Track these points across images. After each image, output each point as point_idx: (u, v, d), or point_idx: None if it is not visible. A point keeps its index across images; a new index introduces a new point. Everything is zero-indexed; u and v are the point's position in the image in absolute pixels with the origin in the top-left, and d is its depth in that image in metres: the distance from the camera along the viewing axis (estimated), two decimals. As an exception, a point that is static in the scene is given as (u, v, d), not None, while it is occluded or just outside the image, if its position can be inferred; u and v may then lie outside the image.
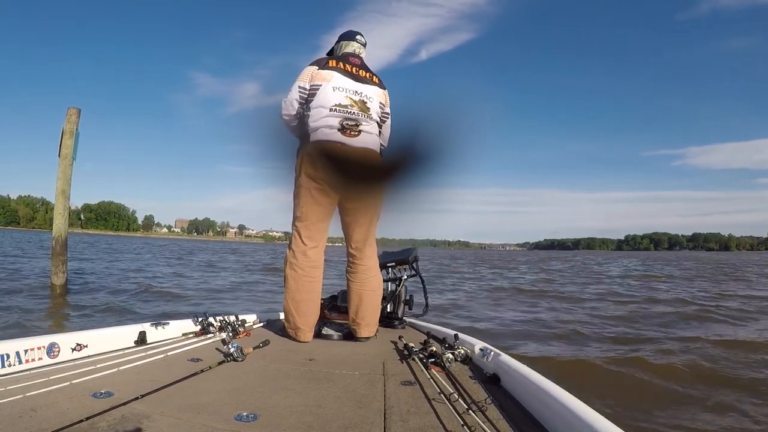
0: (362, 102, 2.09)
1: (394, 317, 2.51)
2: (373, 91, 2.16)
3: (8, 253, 15.27)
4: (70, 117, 6.19)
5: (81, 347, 1.61)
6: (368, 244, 2.21)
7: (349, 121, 2.04)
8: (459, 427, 1.05)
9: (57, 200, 6.25)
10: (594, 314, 6.07)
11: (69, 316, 4.95)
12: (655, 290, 9.79)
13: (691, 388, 2.94)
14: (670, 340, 4.32)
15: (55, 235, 6.21)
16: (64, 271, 6.31)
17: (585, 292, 9.27)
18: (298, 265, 2.08)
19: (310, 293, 2.10)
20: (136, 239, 76.80)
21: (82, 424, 0.99)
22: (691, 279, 13.75)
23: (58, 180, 6.18)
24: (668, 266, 23.57)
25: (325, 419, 1.10)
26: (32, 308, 5.16)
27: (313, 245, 2.10)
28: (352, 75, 2.12)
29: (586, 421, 0.91)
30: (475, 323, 5.26)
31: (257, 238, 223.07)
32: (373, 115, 2.13)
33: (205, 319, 2.11)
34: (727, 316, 5.87)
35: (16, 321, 4.36)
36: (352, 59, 2.18)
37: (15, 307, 5.11)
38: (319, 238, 2.12)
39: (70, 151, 6.18)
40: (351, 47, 2.26)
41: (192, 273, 11.59)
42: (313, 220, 2.08)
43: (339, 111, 2.03)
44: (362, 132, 2.06)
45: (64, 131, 6.17)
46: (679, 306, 6.91)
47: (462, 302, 7.34)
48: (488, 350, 1.63)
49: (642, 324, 5.33)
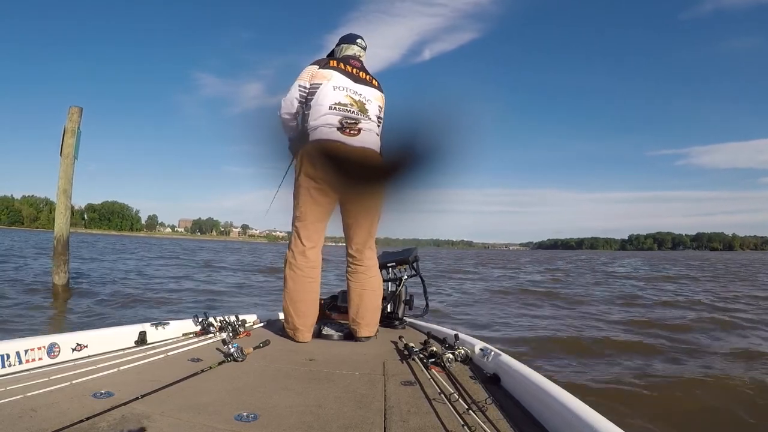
0: (361, 103, 2.09)
1: (395, 317, 2.51)
2: (372, 94, 2.16)
3: (14, 253, 15.21)
4: (71, 116, 6.18)
5: (81, 347, 1.61)
6: (368, 245, 2.20)
7: (349, 120, 2.03)
8: (459, 427, 1.05)
9: (58, 199, 6.22)
10: (614, 320, 5.59)
11: (68, 317, 4.93)
12: (668, 291, 9.34)
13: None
14: (716, 355, 3.78)
15: (57, 234, 6.19)
16: (65, 271, 6.29)
17: (601, 295, 8.59)
18: (297, 266, 2.08)
19: (309, 293, 2.10)
20: (139, 239, 76.59)
21: (82, 424, 0.99)
22: (710, 279, 13.20)
23: (59, 179, 6.17)
24: (674, 266, 23.10)
25: (326, 419, 1.10)
26: (32, 309, 5.14)
27: (312, 245, 2.10)
28: (353, 76, 2.13)
29: (586, 421, 0.91)
30: (489, 331, 4.88)
31: (260, 237, 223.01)
32: (372, 116, 2.13)
33: (205, 319, 2.11)
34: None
35: (15, 322, 4.35)
36: (353, 61, 2.20)
37: (15, 307, 5.09)
38: (317, 239, 2.12)
39: (71, 150, 6.16)
40: (351, 50, 2.27)
41: (195, 274, 11.48)
42: (312, 220, 2.08)
43: (339, 109, 2.03)
44: (362, 131, 2.06)
45: (66, 130, 6.15)
46: (708, 311, 6.44)
47: (471, 309, 6.77)
48: (488, 350, 1.63)
49: (675, 333, 4.84)
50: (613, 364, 3.61)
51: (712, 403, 2.73)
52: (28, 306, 5.29)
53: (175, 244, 46.87)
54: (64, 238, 6.21)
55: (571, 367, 3.55)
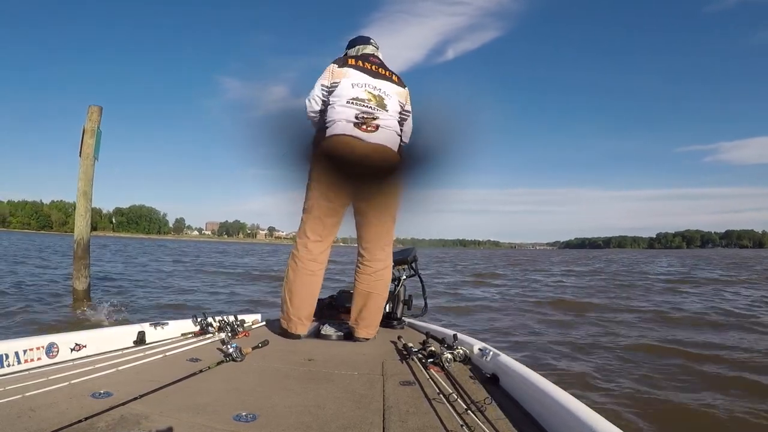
0: (380, 98, 2.09)
1: (393, 317, 2.51)
2: (392, 89, 2.15)
3: (40, 256, 14.94)
4: (91, 115, 5.89)
5: (80, 347, 1.61)
6: (379, 246, 2.17)
7: (366, 115, 2.03)
8: (458, 427, 1.05)
9: (78, 202, 5.91)
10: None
11: (87, 322, 4.71)
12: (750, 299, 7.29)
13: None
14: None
15: (77, 238, 5.87)
16: (86, 275, 5.91)
17: (693, 309, 6.34)
18: (298, 257, 2.09)
19: (307, 287, 2.09)
20: (167, 242, 75.69)
21: (81, 424, 0.99)
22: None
23: (79, 180, 5.86)
24: (709, 265, 20.79)
25: (324, 419, 1.10)
26: (49, 314, 5.01)
27: (316, 239, 2.10)
28: (371, 72, 2.14)
29: (585, 422, 0.91)
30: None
31: (287, 240, 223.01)
32: (391, 111, 2.12)
33: (204, 319, 2.11)
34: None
35: (31, 327, 4.28)
36: (372, 58, 2.21)
37: (33, 312, 4.98)
38: (323, 233, 2.10)
39: (91, 150, 5.86)
40: (368, 49, 2.28)
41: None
42: (318, 214, 2.08)
43: (356, 104, 2.03)
44: (380, 127, 2.05)
45: (85, 130, 5.80)
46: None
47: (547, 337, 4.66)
48: (487, 350, 1.63)
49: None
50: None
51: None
52: (46, 311, 5.16)
53: (209, 247, 44.86)
54: (84, 241, 5.89)
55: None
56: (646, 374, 3.32)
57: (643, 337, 4.60)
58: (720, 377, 3.24)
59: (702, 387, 3.04)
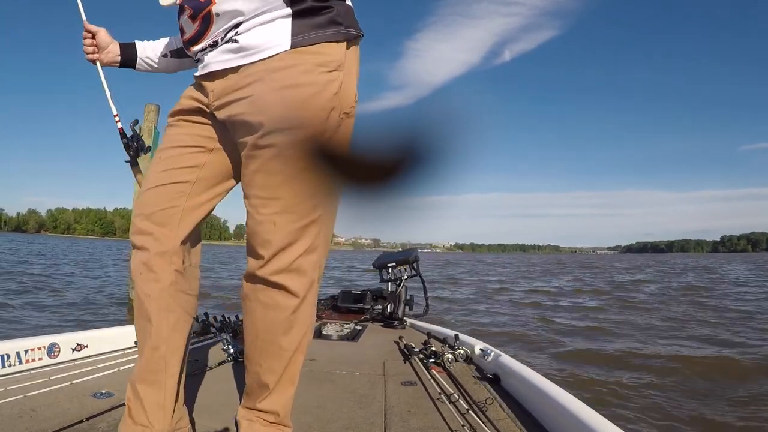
0: None
1: (395, 317, 2.51)
2: None
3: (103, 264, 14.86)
4: (148, 114, 5.73)
5: (81, 347, 1.61)
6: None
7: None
8: (460, 427, 1.05)
9: (133, 206, 5.94)
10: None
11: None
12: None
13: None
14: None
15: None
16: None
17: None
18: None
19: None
20: (230, 249, 74.94)
21: (82, 424, 0.99)
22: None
23: (135, 184, 5.81)
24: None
25: (326, 419, 1.10)
26: (101, 322, 5.00)
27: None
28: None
29: (586, 422, 0.91)
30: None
31: (346, 245, 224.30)
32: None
33: (205, 319, 2.11)
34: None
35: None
36: None
37: (88, 322, 4.96)
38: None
39: (148, 152, 5.87)
40: None
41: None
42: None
43: None
44: None
45: (142, 130, 5.81)
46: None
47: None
48: (489, 350, 1.62)
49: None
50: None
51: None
52: (99, 319, 5.16)
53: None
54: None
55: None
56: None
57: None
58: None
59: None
